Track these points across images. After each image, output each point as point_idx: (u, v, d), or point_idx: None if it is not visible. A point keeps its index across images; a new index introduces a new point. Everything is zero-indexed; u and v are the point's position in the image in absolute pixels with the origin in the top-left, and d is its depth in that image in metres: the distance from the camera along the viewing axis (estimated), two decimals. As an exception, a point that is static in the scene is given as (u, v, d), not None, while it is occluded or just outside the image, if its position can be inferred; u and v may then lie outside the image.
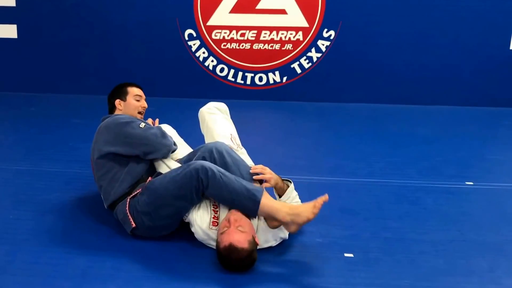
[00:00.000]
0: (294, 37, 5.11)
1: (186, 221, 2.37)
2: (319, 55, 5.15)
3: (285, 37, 5.12)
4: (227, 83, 5.28)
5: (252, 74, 5.25)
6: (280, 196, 2.50)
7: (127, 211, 2.39)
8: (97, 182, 2.61)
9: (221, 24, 5.11)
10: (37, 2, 5.15)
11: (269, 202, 2.26)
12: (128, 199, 2.43)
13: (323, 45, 5.11)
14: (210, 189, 2.26)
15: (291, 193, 2.49)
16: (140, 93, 2.83)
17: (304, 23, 5.07)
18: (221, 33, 5.13)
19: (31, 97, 5.22)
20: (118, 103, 2.78)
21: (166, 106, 4.81)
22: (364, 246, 2.40)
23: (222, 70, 5.25)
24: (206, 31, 5.13)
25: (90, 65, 5.28)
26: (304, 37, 5.10)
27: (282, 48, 5.15)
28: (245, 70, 5.24)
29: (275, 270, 2.18)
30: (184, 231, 2.40)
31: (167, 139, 2.58)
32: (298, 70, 5.21)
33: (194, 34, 5.16)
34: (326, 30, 5.07)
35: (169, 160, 2.58)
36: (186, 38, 5.17)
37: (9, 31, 5.25)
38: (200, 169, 2.26)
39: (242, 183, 2.29)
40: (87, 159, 2.82)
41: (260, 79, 5.26)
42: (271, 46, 5.15)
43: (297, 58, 5.17)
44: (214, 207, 2.34)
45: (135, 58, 5.23)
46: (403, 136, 4.18)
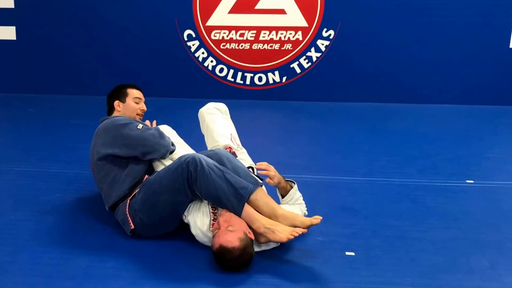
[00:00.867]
0: (293, 37, 5.11)
1: (186, 222, 2.37)
2: (319, 55, 5.15)
3: (284, 37, 5.12)
4: (227, 83, 5.28)
5: (251, 74, 5.25)
6: (283, 196, 2.50)
7: (127, 212, 2.39)
8: (97, 184, 2.61)
9: (220, 24, 5.11)
10: (35, 3, 5.16)
11: (251, 211, 2.23)
12: (128, 201, 2.43)
13: (323, 44, 5.12)
14: (198, 182, 2.22)
15: (295, 194, 2.49)
16: (139, 95, 2.80)
17: (303, 23, 5.08)
18: (220, 33, 5.13)
19: (31, 98, 5.23)
20: (117, 105, 2.75)
21: (165, 106, 4.82)
22: (365, 245, 2.40)
23: (221, 70, 5.25)
24: (205, 31, 5.13)
25: (89, 66, 5.29)
26: (303, 37, 5.10)
27: (282, 48, 5.15)
28: (244, 70, 5.24)
29: (276, 269, 2.18)
30: (184, 232, 2.40)
31: (165, 140, 2.58)
32: (298, 70, 5.21)
33: (193, 35, 5.16)
34: (325, 29, 5.08)
35: (167, 160, 2.57)
36: (185, 39, 5.17)
37: (8, 33, 5.25)
38: (190, 161, 2.23)
39: (231, 182, 2.23)
40: (87, 160, 2.82)
41: (259, 79, 5.26)
42: (271, 46, 5.15)
43: (296, 58, 5.17)
44: (213, 209, 2.33)
45: (134, 58, 5.23)
46: (403, 134, 4.18)
